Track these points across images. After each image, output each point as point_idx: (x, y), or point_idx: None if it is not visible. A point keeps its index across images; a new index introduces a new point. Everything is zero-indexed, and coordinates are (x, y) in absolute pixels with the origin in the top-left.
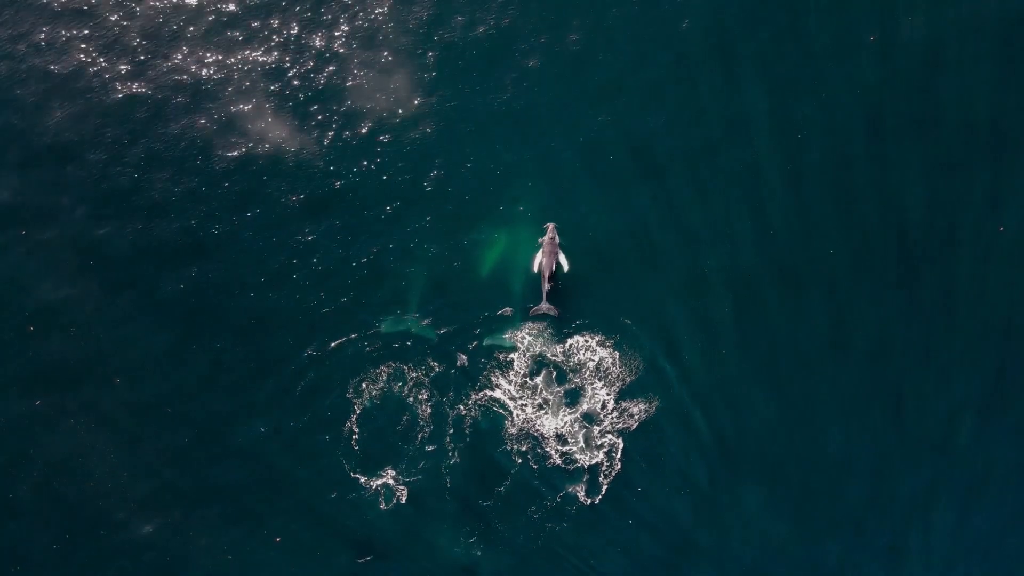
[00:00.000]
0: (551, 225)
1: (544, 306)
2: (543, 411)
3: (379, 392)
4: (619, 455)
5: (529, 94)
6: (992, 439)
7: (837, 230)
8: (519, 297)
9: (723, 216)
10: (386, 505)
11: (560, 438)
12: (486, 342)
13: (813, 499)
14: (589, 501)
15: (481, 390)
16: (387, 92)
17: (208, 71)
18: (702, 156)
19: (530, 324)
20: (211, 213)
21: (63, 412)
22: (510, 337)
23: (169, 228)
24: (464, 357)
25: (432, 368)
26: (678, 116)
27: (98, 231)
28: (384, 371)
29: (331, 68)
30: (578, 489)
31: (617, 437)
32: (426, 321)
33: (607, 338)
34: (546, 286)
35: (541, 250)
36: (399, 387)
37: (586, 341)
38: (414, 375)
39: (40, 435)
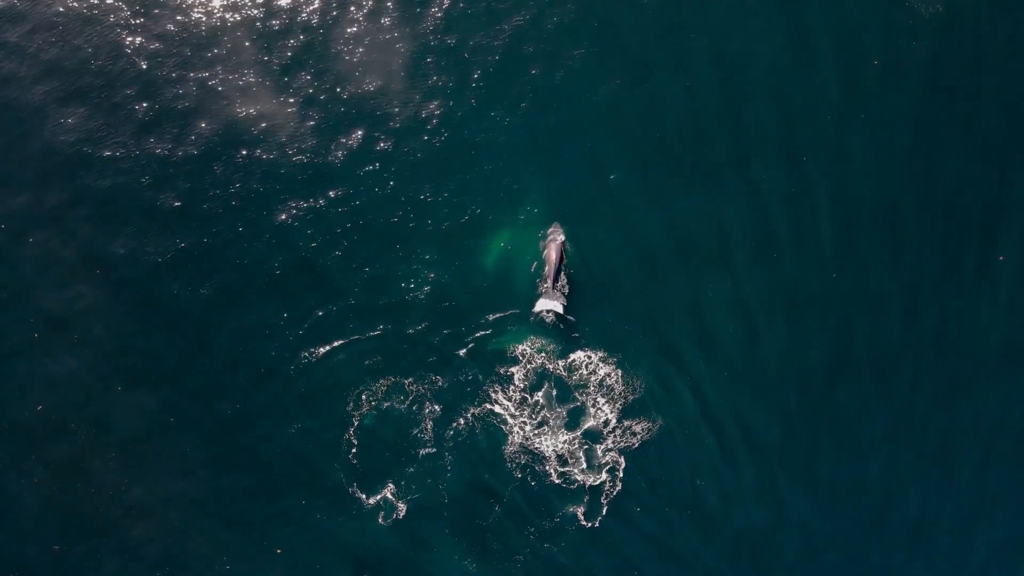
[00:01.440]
0: (555, 224)
1: (547, 303)
2: (543, 429)
3: (378, 405)
4: (620, 475)
5: (539, 96)
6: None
7: (841, 256)
8: (523, 302)
9: (730, 233)
10: (385, 520)
11: (560, 457)
12: (489, 348)
13: (820, 519)
14: (589, 523)
15: (481, 404)
16: (391, 92)
17: (209, 64)
18: (710, 172)
19: (532, 337)
20: (207, 215)
21: (63, 417)
22: (512, 349)
23: (165, 232)
24: (466, 368)
25: (432, 381)
26: (685, 129)
27: (95, 236)
28: (384, 384)
29: (335, 66)
30: (577, 509)
31: (619, 456)
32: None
33: (610, 354)
34: (548, 285)
35: (545, 251)
36: (399, 400)
37: (588, 357)
38: (414, 388)
39: (39, 441)
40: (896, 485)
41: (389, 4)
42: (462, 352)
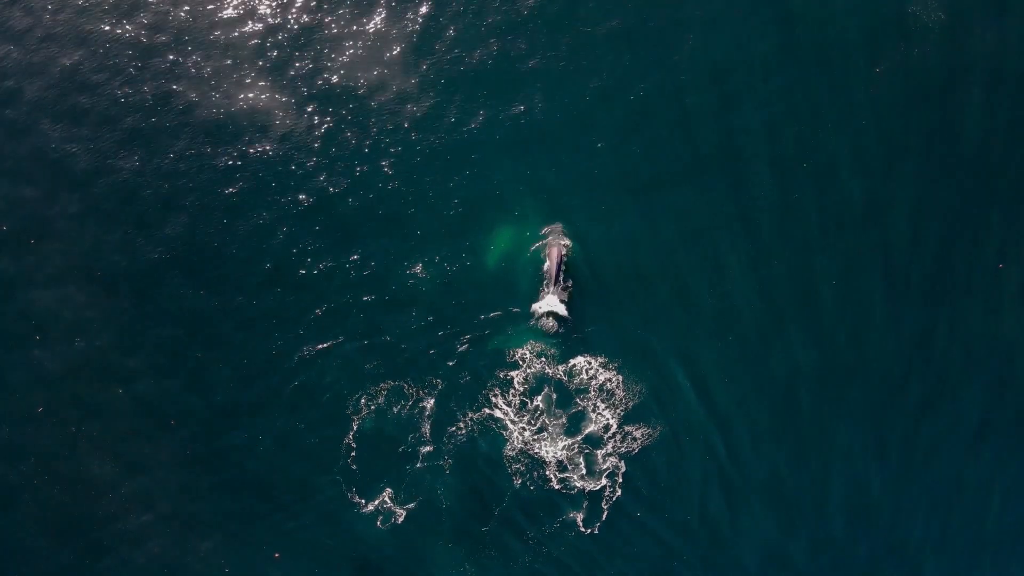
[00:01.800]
0: (557, 225)
1: (548, 303)
2: (543, 434)
3: (378, 409)
4: (620, 480)
5: (542, 97)
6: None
7: (839, 264)
8: (523, 303)
9: (733, 240)
10: (383, 525)
11: (560, 462)
12: (489, 350)
13: (820, 530)
14: (588, 530)
15: (480, 409)
16: (392, 90)
17: (209, 65)
18: (712, 176)
19: (532, 341)
20: (206, 216)
21: (61, 417)
22: (511, 354)
23: (165, 232)
24: (465, 372)
25: (432, 385)
26: (687, 133)
27: (94, 237)
28: (383, 388)
29: (335, 65)
30: (577, 515)
31: (619, 461)
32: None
33: (611, 359)
34: (550, 285)
35: (547, 251)
36: (398, 404)
37: (588, 362)
38: (413, 392)
39: (38, 440)
40: (902, 492)
41: (392, 5)
42: (462, 355)
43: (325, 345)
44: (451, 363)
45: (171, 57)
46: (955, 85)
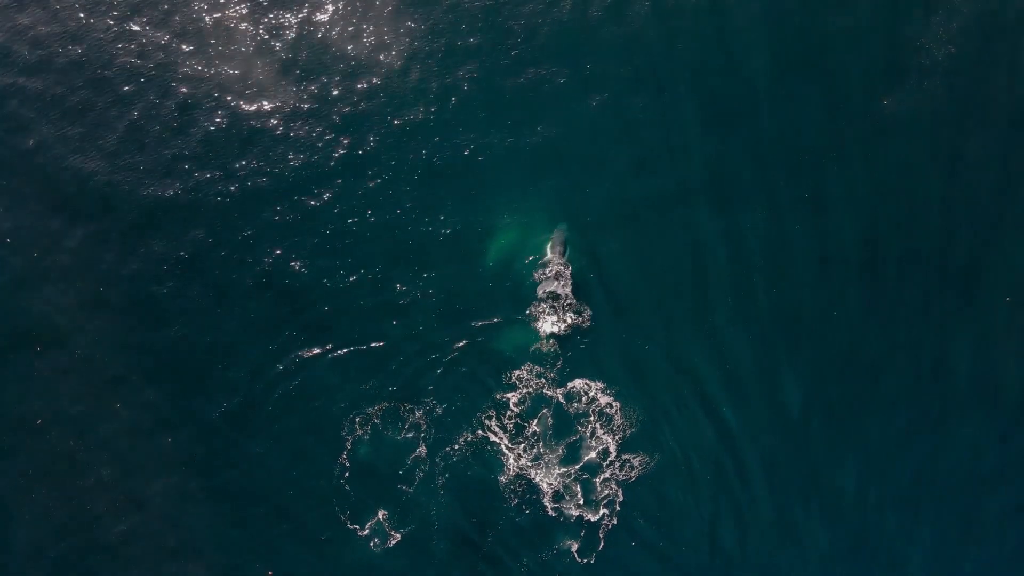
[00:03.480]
0: (560, 229)
1: (552, 283)
2: (539, 458)
3: (371, 430)
4: (618, 509)
5: (550, 85)
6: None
7: (845, 287)
8: (524, 320)
9: (737, 260)
10: (377, 547)
11: (556, 488)
12: (487, 368)
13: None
14: (584, 559)
15: (476, 431)
16: (390, 78)
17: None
18: (719, 197)
19: (530, 363)
20: (201, 220)
21: (59, 426)
22: (509, 375)
23: (162, 238)
24: (462, 392)
25: (427, 407)
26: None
27: (89, 241)
28: (378, 408)
29: (332, 48)
30: (573, 543)
31: (617, 489)
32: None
33: (611, 384)
34: (552, 285)
35: (549, 246)
36: (393, 425)
37: (587, 384)
38: (408, 413)
39: (33, 447)
40: (919, 526)
41: (397, 4)
42: (458, 375)
43: (321, 361)
44: (447, 383)
45: (173, 64)
46: (970, 119)
